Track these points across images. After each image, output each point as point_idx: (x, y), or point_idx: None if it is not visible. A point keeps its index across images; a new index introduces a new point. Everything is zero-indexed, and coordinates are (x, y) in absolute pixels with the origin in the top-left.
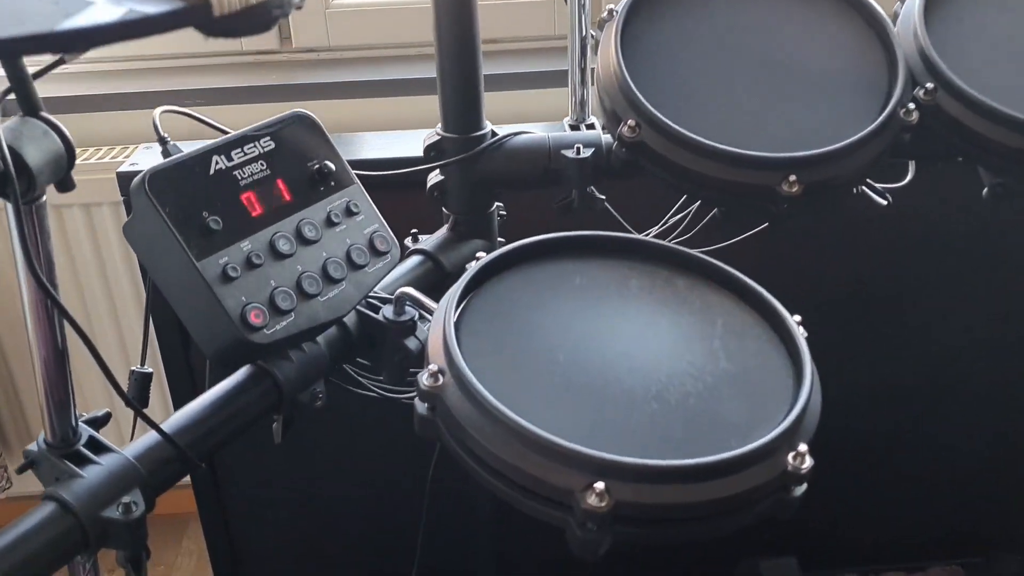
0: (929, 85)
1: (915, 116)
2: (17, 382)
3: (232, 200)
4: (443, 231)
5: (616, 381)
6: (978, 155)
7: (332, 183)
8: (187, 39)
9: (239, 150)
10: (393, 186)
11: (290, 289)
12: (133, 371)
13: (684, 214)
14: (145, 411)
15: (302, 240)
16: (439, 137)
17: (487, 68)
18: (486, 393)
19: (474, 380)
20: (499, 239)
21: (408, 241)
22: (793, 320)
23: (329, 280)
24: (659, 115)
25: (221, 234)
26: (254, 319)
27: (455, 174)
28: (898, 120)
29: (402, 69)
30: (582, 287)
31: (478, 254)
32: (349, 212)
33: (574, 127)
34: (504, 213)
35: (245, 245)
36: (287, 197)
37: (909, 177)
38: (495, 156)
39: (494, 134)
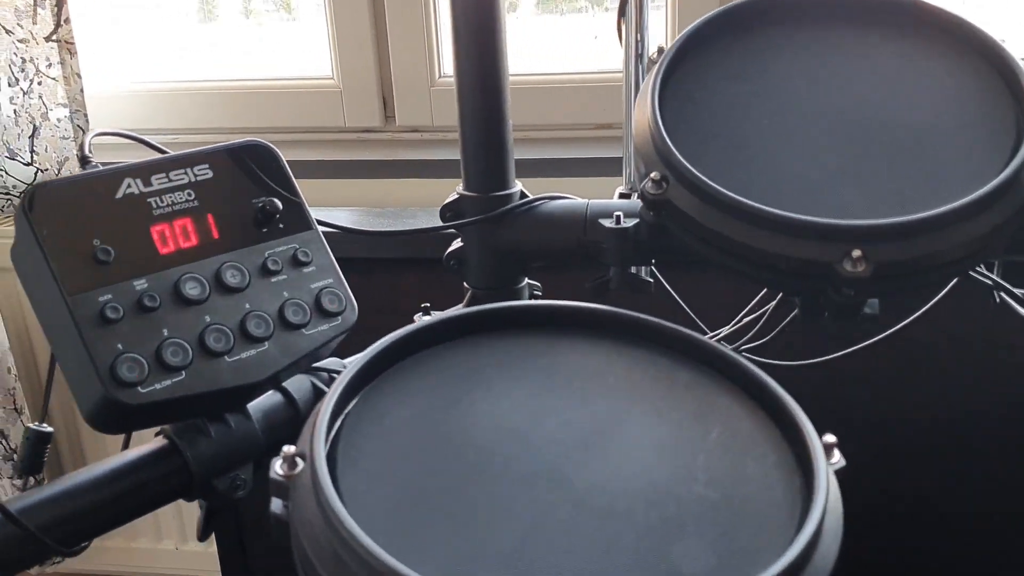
0: None
1: None
2: None
3: (137, 230)
4: (457, 308)
5: (537, 501)
6: None
7: (280, 226)
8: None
9: (162, 175)
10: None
11: (187, 342)
12: (28, 428)
13: (762, 312)
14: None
15: (221, 287)
16: (457, 196)
17: (549, 152)
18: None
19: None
20: None
21: (417, 316)
22: (821, 441)
23: (247, 338)
24: (689, 167)
25: (110, 267)
26: (127, 373)
27: (474, 239)
28: (1021, 192)
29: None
30: (538, 373)
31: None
32: (296, 262)
33: (624, 195)
34: (540, 292)
35: (140, 284)
36: (214, 235)
37: None
38: (521, 221)
39: (524, 196)
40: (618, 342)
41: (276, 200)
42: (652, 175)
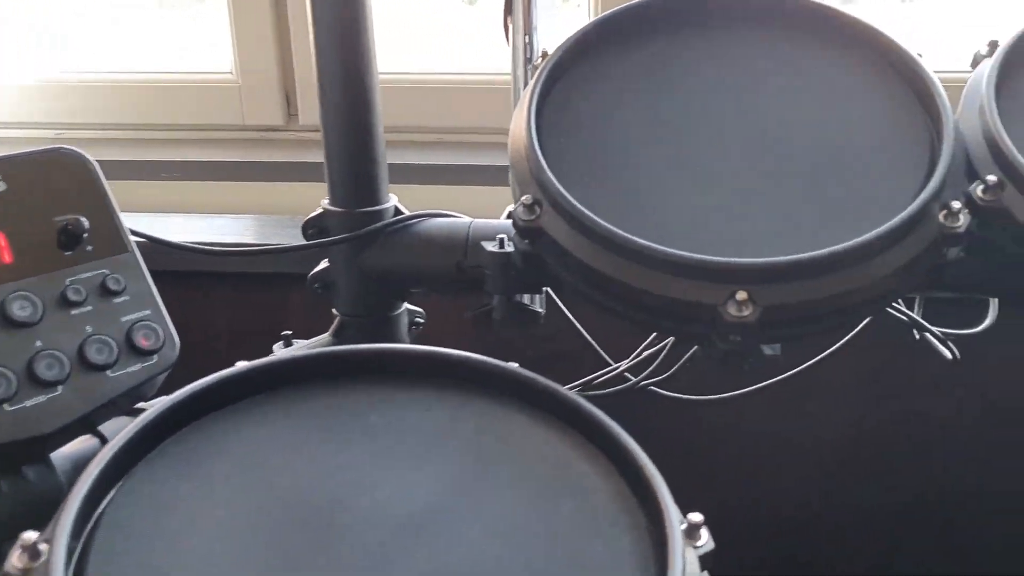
0: (991, 178)
1: (963, 221)
2: None
3: None
4: (324, 338)
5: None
6: None
7: (88, 248)
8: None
9: None
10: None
11: None
12: None
13: (663, 344)
14: None
15: (5, 321)
16: (322, 211)
17: (448, 158)
18: None
19: None
20: None
21: (277, 347)
22: (686, 521)
23: (34, 382)
24: (563, 192)
25: None
26: None
27: (341, 261)
28: (933, 225)
29: (421, 154)
30: (366, 434)
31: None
32: (104, 290)
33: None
34: (422, 320)
35: None
36: (5, 258)
37: (988, 321)
38: (394, 242)
39: (399, 212)
40: (466, 393)
41: (83, 218)
42: (524, 199)
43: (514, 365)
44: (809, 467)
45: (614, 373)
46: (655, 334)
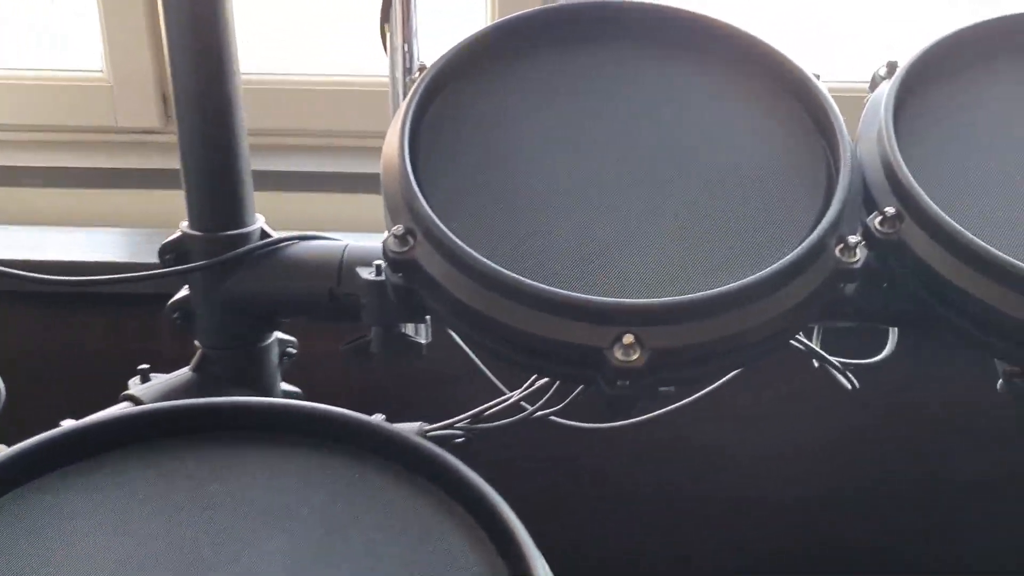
0: (889, 209)
1: (859, 256)
2: None
3: None
4: (183, 372)
5: None
6: (967, 329)
7: None
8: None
9: None
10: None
11: None
12: None
13: None
14: None
15: None
16: (180, 234)
17: (335, 165)
18: None
19: None
20: (286, 387)
21: (133, 383)
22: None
23: None
24: (437, 222)
25: None
26: None
27: (201, 289)
28: (829, 260)
29: (305, 160)
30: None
31: None
32: None
33: None
34: (294, 350)
35: None
36: None
37: (888, 350)
38: (261, 267)
39: (266, 235)
40: (321, 451)
41: None
42: (395, 229)
43: (378, 418)
44: (724, 485)
45: (509, 403)
46: None
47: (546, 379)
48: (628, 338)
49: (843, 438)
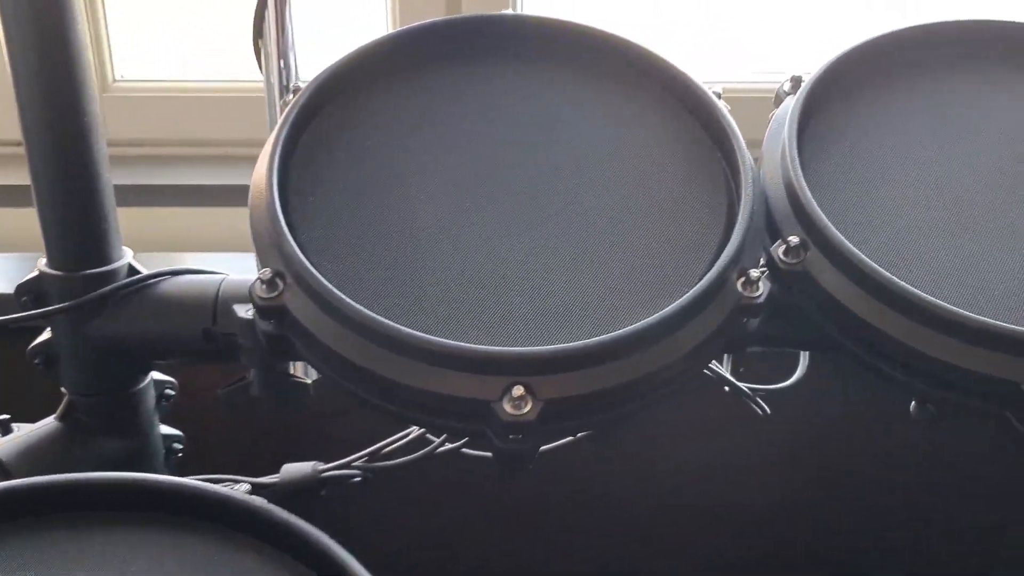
0: (793, 239)
1: (762, 290)
2: None
3: None
4: (48, 423)
5: None
6: (874, 364)
7: None
8: None
9: None
10: None
11: None
12: None
13: None
14: None
15: None
16: (38, 274)
17: (215, 177)
18: None
19: None
20: (166, 430)
21: None
22: None
23: None
24: (306, 264)
25: None
26: None
27: (64, 332)
28: (731, 295)
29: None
30: None
31: None
32: None
33: None
34: (173, 392)
35: None
36: None
37: (798, 375)
38: (129, 308)
39: (134, 271)
40: (172, 528)
41: None
42: (262, 272)
43: (241, 489)
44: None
45: (411, 437)
46: None
47: None
48: (518, 390)
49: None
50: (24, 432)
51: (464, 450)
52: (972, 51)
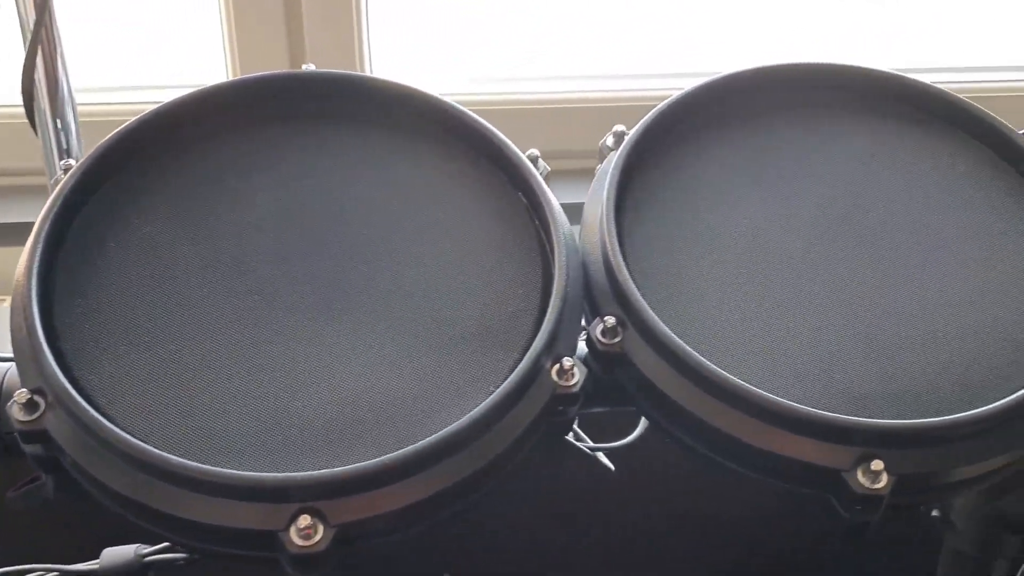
0: (610, 319)
1: (578, 378)
2: None
3: None
4: None
5: None
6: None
7: None
8: None
9: None
10: None
11: None
12: None
13: None
14: None
15: None
16: None
17: None
18: None
19: None
20: None
21: None
22: None
23: None
24: (66, 385)
25: None
26: None
27: None
28: (546, 384)
29: None
30: None
31: None
32: None
33: None
34: None
35: None
36: None
37: (638, 431)
38: None
39: None
40: None
41: None
42: (18, 394)
43: None
44: None
45: None
46: None
47: None
48: (304, 519)
49: None
50: None
51: None
52: (797, 97)
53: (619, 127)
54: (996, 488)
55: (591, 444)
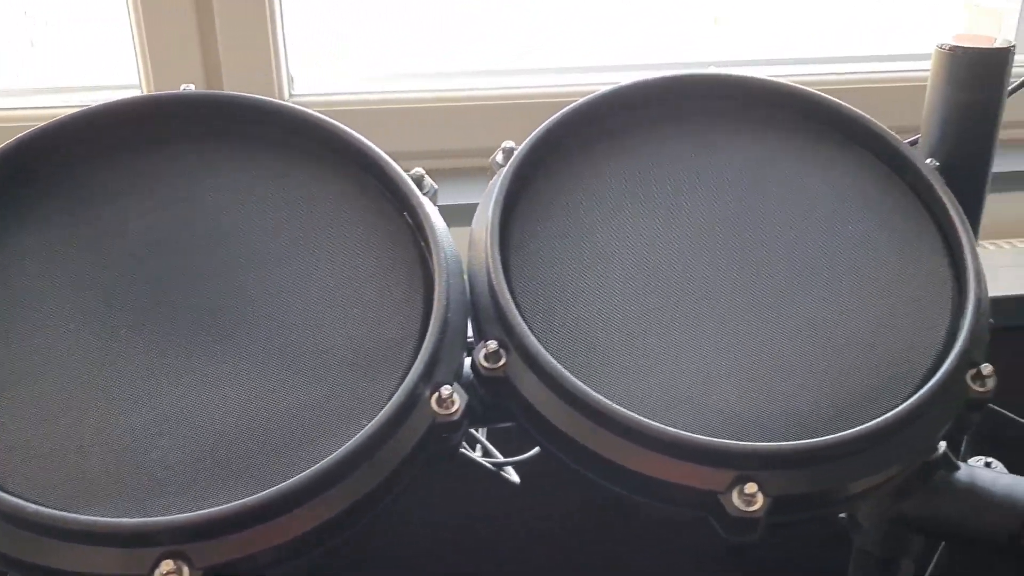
0: (491, 344)
1: (458, 405)
2: None
3: None
4: None
5: None
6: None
7: None
8: None
9: None
10: None
11: None
12: None
13: None
14: None
15: None
16: None
17: None
18: None
19: None
20: None
21: None
22: None
23: None
24: None
25: None
26: None
27: None
28: (424, 412)
29: None
30: None
31: None
32: None
33: None
34: None
35: None
36: None
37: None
38: None
39: None
40: None
41: None
42: None
43: None
44: None
45: None
46: None
47: None
48: (167, 564)
49: None
50: None
51: None
52: (686, 108)
53: (508, 143)
54: (894, 492)
55: (498, 460)
